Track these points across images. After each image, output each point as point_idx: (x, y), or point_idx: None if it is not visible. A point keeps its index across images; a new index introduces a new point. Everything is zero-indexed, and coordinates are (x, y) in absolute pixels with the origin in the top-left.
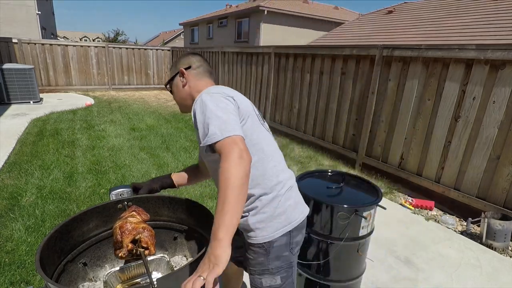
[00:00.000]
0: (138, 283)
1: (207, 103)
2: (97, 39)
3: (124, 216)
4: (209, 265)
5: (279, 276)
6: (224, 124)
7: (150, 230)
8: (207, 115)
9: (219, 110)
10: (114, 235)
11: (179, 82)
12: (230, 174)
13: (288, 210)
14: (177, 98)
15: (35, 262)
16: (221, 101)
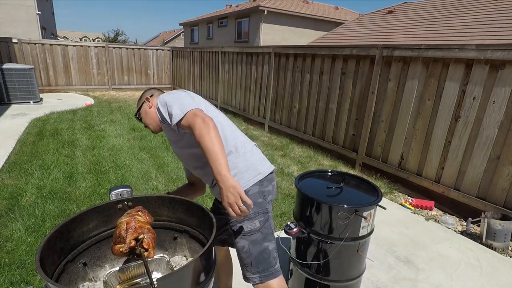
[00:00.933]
0: (138, 283)
1: (165, 98)
2: (97, 39)
3: (131, 213)
4: (233, 193)
5: (258, 220)
6: (182, 105)
7: (153, 233)
8: (168, 104)
9: (175, 98)
10: (117, 229)
11: (146, 107)
12: (203, 133)
13: (256, 163)
14: (148, 121)
15: (35, 262)
16: (175, 93)
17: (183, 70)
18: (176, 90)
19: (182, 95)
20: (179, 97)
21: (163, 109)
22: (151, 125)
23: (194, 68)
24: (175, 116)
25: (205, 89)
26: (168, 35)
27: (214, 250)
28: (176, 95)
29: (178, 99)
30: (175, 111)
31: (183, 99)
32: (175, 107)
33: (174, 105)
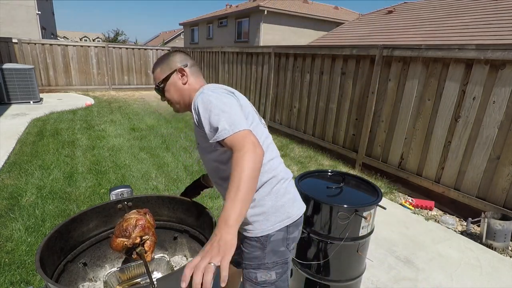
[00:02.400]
0: (138, 283)
1: (211, 99)
2: (97, 39)
3: (140, 212)
4: (218, 250)
5: (274, 272)
6: (232, 119)
7: (156, 238)
8: (213, 111)
9: (225, 105)
10: (125, 223)
11: (177, 80)
12: (245, 165)
13: (287, 204)
14: (174, 97)
15: (35, 262)
16: (224, 96)
17: None
18: (219, 86)
19: (230, 101)
20: (227, 103)
21: (204, 112)
22: (177, 104)
23: None
24: (221, 132)
25: None
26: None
27: None
28: (222, 97)
29: (227, 106)
30: (222, 125)
31: (232, 108)
32: (222, 119)
33: (221, 115)
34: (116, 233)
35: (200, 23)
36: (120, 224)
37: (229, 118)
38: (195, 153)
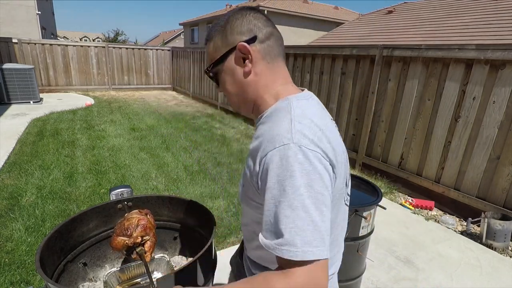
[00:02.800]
0: (138, 283)
1: (296, 176)
2: (97, 39)
3: (142, 212)
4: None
5: None
6: (311, 236)
7: (156, 239)
8: (291, 202)
9: (313, 205)
10: (127, 222)
11: (235, 67)
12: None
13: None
14: (231, 93)
15: (35, 262)
16: (318, 182)
17: (183, 70)
18: (312, 113)
19: (323, 188)
20: (320, 198)
21: (274, 184)
22: (236, 104)
23: (194, 68)
24: (285, 246)
25: (205, 89)
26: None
27: (214, 250)
28: (315, 177)
29: (316, 206)
30: (291, 236)
31: (323, 212)
32: (296, 227)
33: (300, 218)
34: (117, 232)
35: (200, 23)
36: (122, 223)
37: (310, 232)
38: (195, 153)
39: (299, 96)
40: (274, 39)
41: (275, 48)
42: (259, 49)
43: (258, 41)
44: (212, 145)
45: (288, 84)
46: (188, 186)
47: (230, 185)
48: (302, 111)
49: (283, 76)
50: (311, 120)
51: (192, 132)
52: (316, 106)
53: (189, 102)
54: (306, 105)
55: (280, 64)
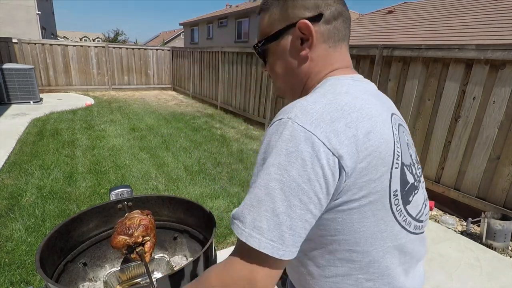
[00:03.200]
0: (138, 283)
1: (273, 154)
2: (97, 39)
3: (144, 212)
4: None
5: None
6: (268, 225)
7: (156, 240)
8: (257, 180)
9: (281, 192)
10: (128, 221)
11: (288, 47)
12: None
13: None
14: (277, 72)
15: (35, 262)
16: (297, 168)
17: (183, 70)
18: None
19: (294, 183)
20: (281, 188)
21: (257, 162)
22: (282, 80)
23: (194, 68)
24: (235, 222)
25: (205, 89)
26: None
27: (214, 250)
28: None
29: (272, 194)
30: (242, 212)
31: (279, 202)
32: (250, 207)
33: (253, 200)
34: (118, 231)
35: (200, 23)
36: (123, 222)
37: (263, 219)
38: (194, 153)
39: (346, 76)
40: (342, 20)
41: (341, 31)
42: (323, 30)
43: (324, 21)
44: (212, 145)
45: (344, 69)
46: (188, 186)
47: (230, 185)
48: (331, 88)
49: (343, 61)
50: (334, 97)
51: (192, 132)
52: (363, 89)
53: (189, 102)
54: (344, 83)
55: (343, 49)
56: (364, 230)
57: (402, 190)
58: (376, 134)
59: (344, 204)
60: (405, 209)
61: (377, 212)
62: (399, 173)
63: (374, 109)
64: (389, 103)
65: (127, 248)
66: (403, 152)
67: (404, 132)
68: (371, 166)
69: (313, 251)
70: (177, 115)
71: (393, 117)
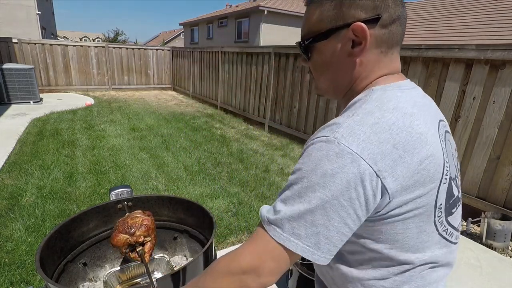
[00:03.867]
0: (138, 283)
1: (317, 173)
2: (97, 39)
3: (146, 213)
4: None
5: None
6: (306, 232)
7: (156, 241)
8: (300, 193)
9: (321, 208)
10: (131, 220)
11: (338, 48)
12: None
13: None
14: (321, 73)
15: (35, 262)
16: (338, 187)
17: (183, 70)
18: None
19: (336, 200)
20: (321, 205)
21: (294, 176)
22: (325, 82)
23: (194, 68)
24: (264, 214)
25: (205, 89)
26: (168, 35)
27: (214, 250)
28: (341, 187)
29: (313, 209)
30: (277, 211)
31: (318, 215)
32: (289, 217)
33: (294, 211)
34: (119, 229)
35: (200, 23)
36: (125, 221)
37: (302, 229)
38: (194, 153)
39: (393, 85)
40: (399, 24)
41: (396, 36)
42: (378, 35)
43: (380, 24)
44: (212, 145)
45: (392, 75)
46: (188, 186)
47: (230, 185)
48: (379, 104)
49: (392, 67)
50: (382, 115)
51: (192, 132)
52: (411, 100)
53: (189, 102)
54: (392, 97)
55: (394, 54)
56: (407, 241)
57: (447, 203)
58: (425, 153)
59: (388, 217)
60: (446, 220)
61: (421, 223)
62: (447, 187)
63: (423, 125)
64: (435, 109)
65: (127, 247)
66: (451, 165)
67: (450, 140)
68: (418, 183)
69: (354, 254)
70: (177, 115)
71: (440, 125)
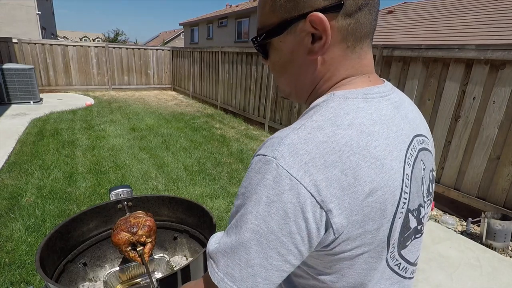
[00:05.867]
0: (138, 283)
1: (252, 199)
2: (97, 39)
3: (148, 214)
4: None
5: None
6: (241, 274)
7: (155, 243)
8: (235, 225)
9: (256, 243)
10: (134, 219)
11: (295, 44)
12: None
13: None
14: (280, 73)
15: (35, 262)
16: (277, 220)
17: (183, 70)
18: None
19: (273, 235)
20: (257, 240)
21: (236, 204)
22: (285, 83)
23: (194, 68)
24: (210, 261)
25: (205, 89)
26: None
27: None
28: (278, 217)
29: (247, 244)
30: (216, 255)
31: (254, 253)
32: (224, 253)
33: (227, 247)
34: (121, 227)
35: (200, 23)
36: (127, 219)
37: (236, 268)
38: (194, 153)
39: (357, 92)
40: (368, 11)
41: (365, 26)
42: (342, 26)
43: (344, 13)
44: (212, 145)
45: (361, 76)
46: (188, 186)
47: (230, 185)
48: (333, 116)
49: (360, 65)
50: (333, 133)
51: (192, 132)
52: (375, 114)
53: (189, 102)
54: (350, 109)
55: (364, 49)
56: (353, 276)
57: (401, 237)
58: (379, 183)
59: (334, 254)
60: (399, 254)
61: (370, 259)
62: (402, 221)
63: (383, 147)
64: (413, 122)
65: (128, 246)
66: (412, 196)
67: (424, 160)
68: (368, 218)
69: (298, 277)
70: (177, 115)
71: (413, 143)
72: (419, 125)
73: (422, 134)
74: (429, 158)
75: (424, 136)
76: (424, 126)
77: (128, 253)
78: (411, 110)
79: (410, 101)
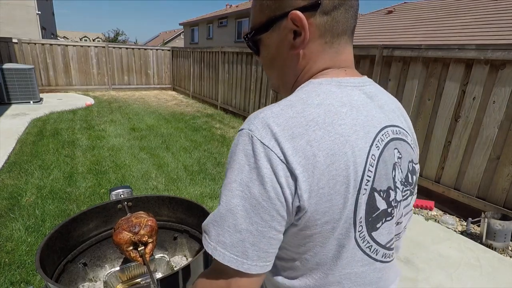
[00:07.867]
0: (138, 283)
1: (234, 168)
2: (97, 39)
3: (149, 215)
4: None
5: None
6: (231, 240)
7: (156, 244)
8: (222, 194)
9: (242, 209)
10: (136, 219)
11: (280, 39)
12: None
13: None
14: (270, 67)
15: (35, 262)
16: (257, 185)
17: (183, 70)
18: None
19: (256, 201)
20: (243, 205)
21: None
22: (275, 76)
23: (194, 68)
24: (204, 235)
25: (205, 89)
26: (168, 35)
27: None
28: (257, 181)
29: (234, 210)
30: (208, 228)
31: (241, 219)
32: (214, 223)
33: (217, 216)
34: (123, 226)
35: (200, 23)
36: (129, 219)
37: (226, 235)
38: (194, 153)
39: (332, 80)
40: (344, 10)
41: (341, 23)
42: (320, 23)
43: (321, 11)
44: (212, 145)
45: (337, 69)
46: (188, 186)
47: None
48: (305, 97)
49: (338, 59)
50: (303, 110)
51: (192, 132)
52: (345, 98)
53: (189, 102)
54: (322, 91)
55: (341, 45)
56: (325, 253)
57: (368, 217)
58: (342, 156)
59: (306, 228)
60: (370, 235)
61: (340, 237)
62: (366, 199)
63: (350, 126)
64: (389, 114)
65: (129, 245)
66: (379, 176)
67: (398, 149)
68: (334, 191)
69: (281, 261)
70: (177, 115)
71: (384, 131)
72: (397, 118)
73: (398, 126)
74: (407, 149)
75: (401, 128)
76: (404, 120)
77: (129, 252)
78: (389, 103)
79: (390, 96)
